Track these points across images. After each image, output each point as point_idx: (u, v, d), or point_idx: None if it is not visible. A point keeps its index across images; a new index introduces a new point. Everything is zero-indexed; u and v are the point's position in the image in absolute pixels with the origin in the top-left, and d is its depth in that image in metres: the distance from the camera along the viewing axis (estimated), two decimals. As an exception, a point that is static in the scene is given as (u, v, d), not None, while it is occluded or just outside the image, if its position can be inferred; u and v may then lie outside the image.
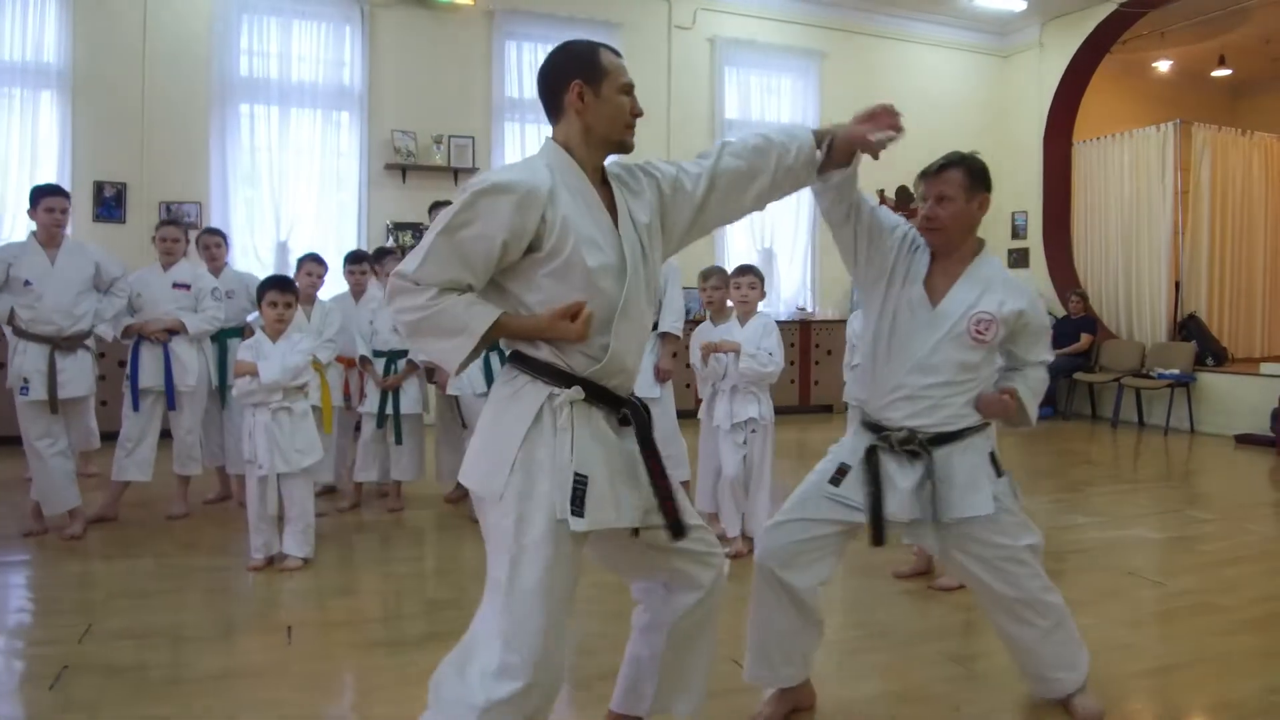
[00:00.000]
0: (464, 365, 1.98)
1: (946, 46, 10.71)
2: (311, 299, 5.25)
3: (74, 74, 7.40)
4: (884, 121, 2.27)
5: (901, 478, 2.52)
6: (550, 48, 2.13)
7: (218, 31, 7.72)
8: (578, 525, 1.92)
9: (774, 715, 2.68)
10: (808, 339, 9.52)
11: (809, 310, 9.84)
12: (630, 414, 2.07)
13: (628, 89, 2.08)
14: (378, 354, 5.20)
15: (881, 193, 9.86)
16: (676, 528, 2.06)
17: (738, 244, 9.64)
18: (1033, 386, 2.65)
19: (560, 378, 1.98)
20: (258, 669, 3.05)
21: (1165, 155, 9.71)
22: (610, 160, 2.15)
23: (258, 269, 7.32)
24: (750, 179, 2.23)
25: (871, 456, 2.54)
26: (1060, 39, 10.39)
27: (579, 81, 2.02)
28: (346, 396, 5.47)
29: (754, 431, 4.42)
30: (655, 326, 5.11)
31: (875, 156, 2.31)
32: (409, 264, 1.94)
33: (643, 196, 2.14)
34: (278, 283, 4.20)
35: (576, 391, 1.97)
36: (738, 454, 4.39)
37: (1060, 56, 10.37)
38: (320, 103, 8.08)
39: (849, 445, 2.66)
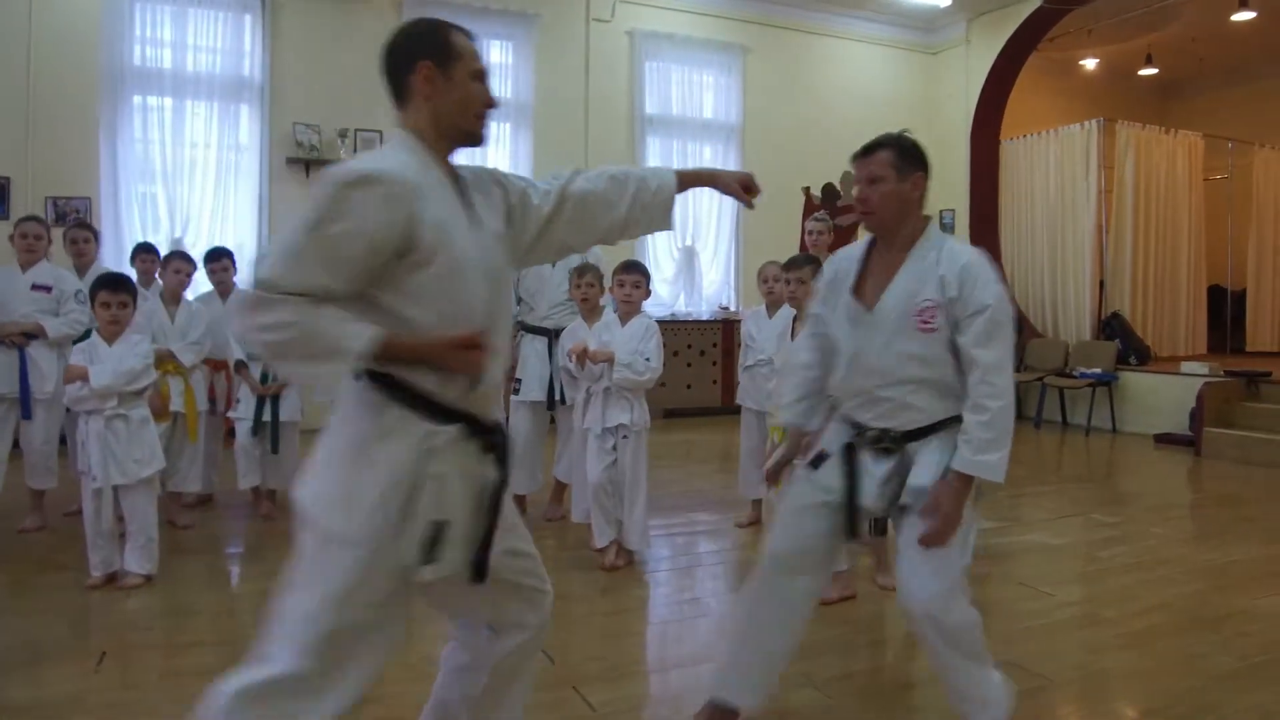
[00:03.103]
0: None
1: (872, 42, 10.57)
2: (179, 298, 4.95)
3: (-49, 61, 7.01)
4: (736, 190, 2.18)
5: (876, 467, 2.45)
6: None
7: (108, 18, 7.29)
8: (426, 575, 1.76)
9: None
10: (730, 338, 9.31)
11: (732, 309, 9.63)
12: (496, 441, 1.88)
13: (481, 75, 1.91)
14: (253, 358, 4.91)
15: (807, 190, 9.75)
16: (476, 572, 1.85)
17: (659, 241, 9.38)
18: (980, 420, 2.30)
19: (439, 413, 1.77)
20: (56, 700, 2.79)
21: (1089, 153, 9.66)
22: (458, 163, 1.96)
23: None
24: (604, 207, 2.08)
25: (849, 450, 2.48)
26: (987, 36, 10.30)
27: (428, 62, 1.84)
28: (211, 400, 5.14)
29: (625, 438, 4.20)
30: None
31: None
32: (271, 270, 1.65)
33: (494, 202, 1.97)
34: (108, 282, 3.91)
35: (459, 430, 1.79)
36: (603, 460, 4.17)
37: (987, 53, 10.28)
38: (218, 94, 7.70)
39: (829, 433, 2.58)
